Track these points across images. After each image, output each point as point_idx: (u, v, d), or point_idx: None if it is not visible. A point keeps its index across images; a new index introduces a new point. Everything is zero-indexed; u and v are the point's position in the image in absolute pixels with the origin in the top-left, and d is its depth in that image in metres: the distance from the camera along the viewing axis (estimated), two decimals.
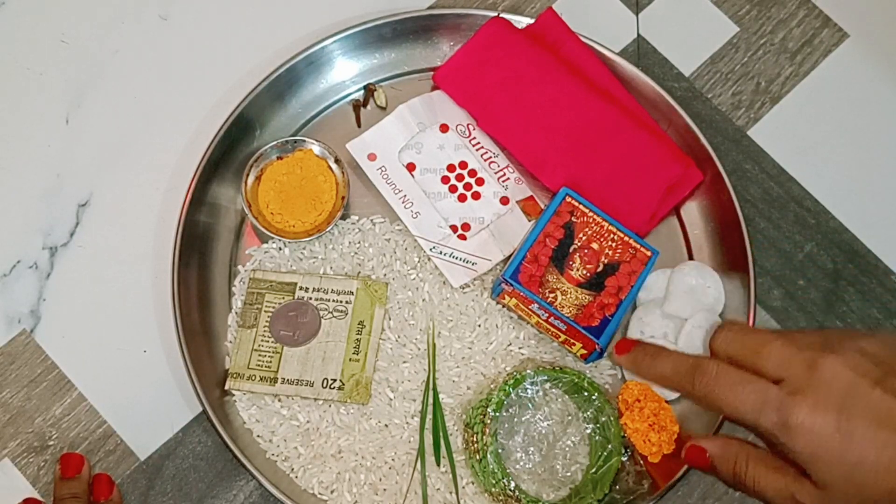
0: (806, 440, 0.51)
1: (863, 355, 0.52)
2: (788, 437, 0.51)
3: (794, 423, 0.51)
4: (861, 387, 0.51)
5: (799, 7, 0.75)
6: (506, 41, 0.70)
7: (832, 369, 0.52)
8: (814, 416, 0.51)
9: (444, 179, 0.69)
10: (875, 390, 0.51)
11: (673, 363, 0.58)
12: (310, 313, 0.66)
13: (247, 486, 0.65)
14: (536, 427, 0.63)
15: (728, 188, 0.68)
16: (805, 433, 0.51)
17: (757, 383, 0.53)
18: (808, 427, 0.51)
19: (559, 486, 0.63)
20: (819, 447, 0.51)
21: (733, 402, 0.53)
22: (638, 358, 0.60)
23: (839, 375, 0.51)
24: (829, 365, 0.52)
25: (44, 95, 0.72)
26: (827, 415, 0.51)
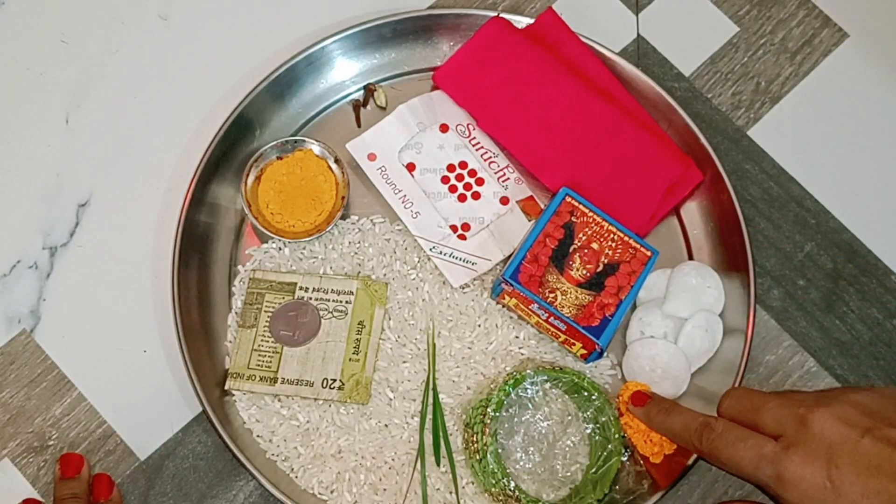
0: (798, 492, 0.53)
1: (853, 407, 0.55)
2: (783, 490, 0.54)
3: (787, 476, 0.53)
4: (850, 437, 0.53)
5: (799, 7, 0.75)
6: (506, 41, 0.70)
7: (822, 422, 0.54)
8: (804, 469, 0.53)
9: (444, 179, 0.69)
10: (863, 439, 0.53)
11: (682, 420, 0.60)
12: (310, 313, 0.66)
13: (247, 486, 0.65)
14: (536, 427, 0.63)
15: (728, 188, 0.68)
16: (797, 485, 0.53)
17: (756, 439, 0.56)
18: (800, 479, 0.53)
19: (559, 486, 0.63)
20: (811, 498, 0.53)
21: (735, 458, 0.56)
22: (651, 412, 0.62)
23: (828, 427, 0.54)
24: (818, 418, 0.54)
25: (44, 95, 0.72)
26: (817, 466, 0.53)
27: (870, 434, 0.53)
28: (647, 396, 0.63)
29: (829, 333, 0.69)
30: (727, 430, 0.58)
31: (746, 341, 0.65)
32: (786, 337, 0.69)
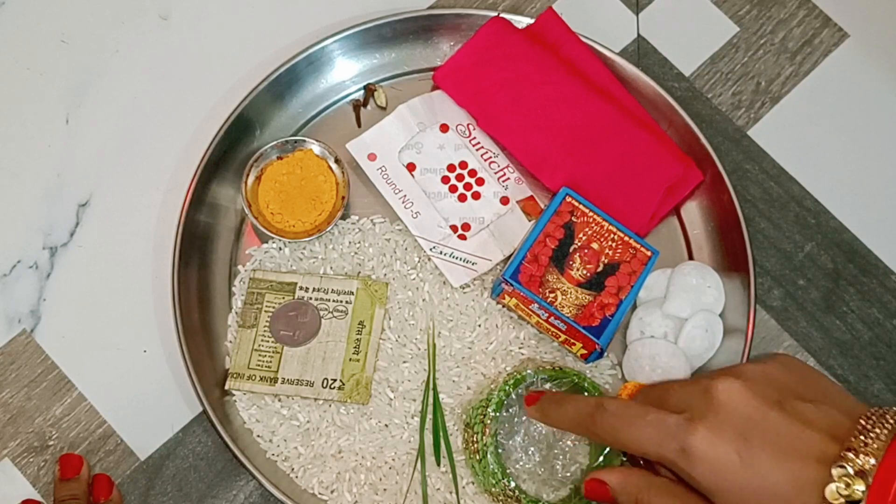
0: (706, 468, 0.51)
1: (760, 378, 0.52)
2: (689, 466, 0.51)
3: (695, 450, 0.51)
4: (759, 410, 0.51)
5: (799, 7, 0.75)
6: (506, 41, 0.70)
7: (728, 392, 0.51)
8: (712, 442, 0.50)
9: (444, 179, 0.69)
10: (773, 412, 0.51)
11: (575, 407, 0.57)
12: (310, 313, 0.66)
13: (247, 486, 0.65)
14: (536, 427, 0.63)
15: (728, 188, 0.68)
16: (706, 460, 0.51)
17: (656, 414, 0.53)
18: (709, 454, 0.50)
19: (559, 486, 0.63)
20: (721, 474, 0.50)
21: (635, 437, 0.53)
22: (545, 406, 0.60)
23: (736, 398, 0.51)
24: (724, 387, 0.51)
25: (44, 95, 0.72)
26: (727, 440, 0.50)
27: (779, 407, 0.51)
28: (539, 394, 0.60)
29: (829, 333, 0.69)
30: (622, 408, 0.55)
31: (746, 341, 0.65)
32: (786, 337, 0.69)
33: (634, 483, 0.55)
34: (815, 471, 0.49)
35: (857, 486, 0.47)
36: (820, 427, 0.50)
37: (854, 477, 0.47)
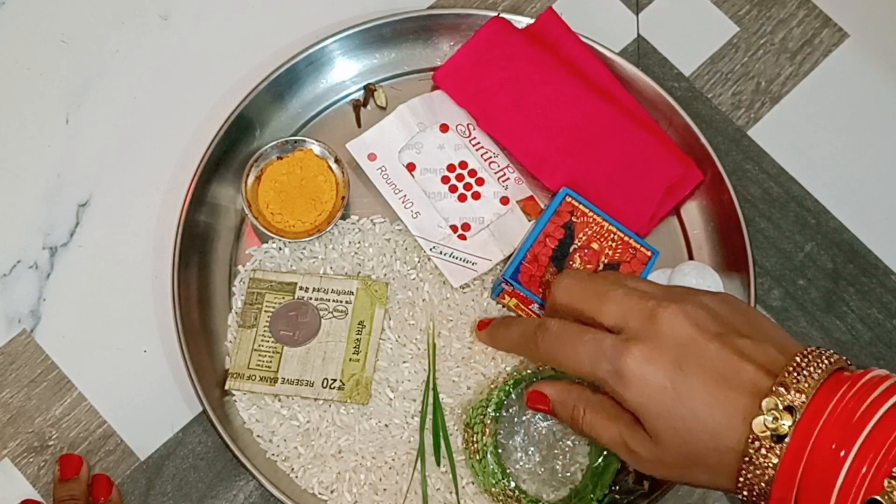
0: (638, 390, 0.51)
1: (704, 310, 0.52)
2: (622, 386, 0.51)
3: (627, 371, 0.51)
4: (698, 340, 0.51)
5: (799, 7, 0.75)
6: (506, 41, 0.70)
7: (671, 320, 0.51)
8: (647, 366, 0.51)
9: (444, 179, 0.69)
10: (712, 344, 0.50)
11: (520, 329, 0.58)
12: (310, 313, 0.66)
13: (247, 486, 0.65)
14: (536, 427, 0.63)
15: (728, 188, 0.68)
16: (637, 383, 0.51)
17: (594, 334, 0.53)
18: (641, 377, 0.51)
19: (559, 486, 0.63)
20: (651, 398, 0.51)
21: (573, 356, 0.54)
22: (493, 331, 0.61)
23: (678, 326, 0.51)
24: (668, 316, 0.51)
25: (44, 95, 0.72)
26: (661, 366, 0.50)
27: (719, 340, 0.51)
28: (489, 320, 0.61)
29: (829, 333, 0.69)
30: (563, 327, 0.55)
31: None
32: None
33: (572, 397, 0.56)
34: (745, 402, 0.49)
35: (784, 421, 0.47)
36: (756, 361, 0.50)
37: (783, 412, 0.47)
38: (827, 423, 0.46)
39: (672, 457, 0.52)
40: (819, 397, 0.47)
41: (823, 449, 0.46)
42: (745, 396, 0.49)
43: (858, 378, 0.48)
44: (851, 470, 0.45)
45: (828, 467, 0.46)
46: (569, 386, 0.58)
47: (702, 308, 0.52)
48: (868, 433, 0.45)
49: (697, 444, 0.50)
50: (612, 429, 0.54)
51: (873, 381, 0.47)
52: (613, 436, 0.54)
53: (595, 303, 0.54)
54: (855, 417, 0.46)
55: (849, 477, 0.45)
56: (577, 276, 0.57)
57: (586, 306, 0.55)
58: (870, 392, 0.47)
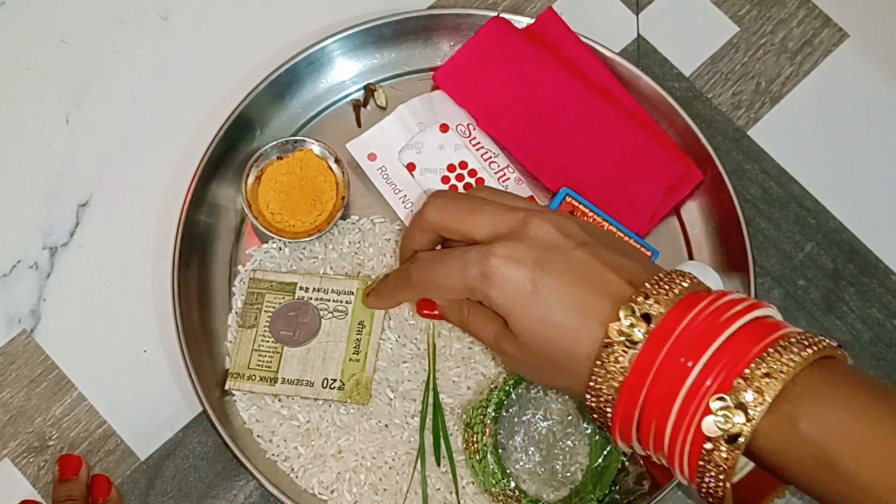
0: (501, 289, 0.52)
1: (576, 223, 0.53)
2: (488, 286, 0.52)
3: (490, 270, 0.52)
4: (564, 245, 0.51)
5: (799, 7, 0.75)
6: (506, 41, 0.70)
7: (539, 226, 0.52)
8: (510, 266, 0.51)
9: (444, 179, 0.69)
10: (577, 250, 0.51)
11: (395, 272, 0.60)
12: (310, 313, 0.66)
13: (247, 486, 0.65)
14: (537, 427, 0.63)
15: (728, 188, 0.68)
16: (501, 282, 0.51)
17: (463, 249, 0.54)
18: (503, 276, 0.51)
19: (559, 486, 0.63)
20: (512, 298, 0.51)
21: (443, 273, 0.54)
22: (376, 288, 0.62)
23: (545, 232, 0.52)
24: (537, 221, 0.52)
25: (44, 95, 0.72)
26: (523, 266, 0.51)
27: (585, 248, 0.51)
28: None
29: (829, 333, 0.69)
30: (432, 254, 0.56)
31: None
32: None
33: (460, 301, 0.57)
34: (604, 306, 0.49)
35: (639, 328, 0.48)
36: (620, 272, 0.51)
37: (639, 319, 0.48)
38: (679, 337, 0.47)
39: (533, 358, 0.53)
40: (675, 310, 0.48)
41: (672, 360, 0.47)
42: (604, 301, 0.50)
43: (716, 299, 0.48)
44: (696, 382, 0.46)
45: (674, 378, 0.46)
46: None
47: (572, 220, 0.53)
48: (716, 348, 0.46)
49: (555, 345, 0.51)
50: (488, 328, 0.55)
51: (729, 303, 0.48)
52: (489, 335, 0.55)
53: (466, 216, 0.55)
54: (712, 326, 0.47)
55: (693, 388, 0.46)
56: (448, 194, 0.58)
57: (458, 221, 0.55)
58: (724, 311, 0.47)
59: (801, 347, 0.46)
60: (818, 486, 0.45)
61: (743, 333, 0.47)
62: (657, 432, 0.47)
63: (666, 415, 0.47)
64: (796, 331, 0.47)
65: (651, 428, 0.48)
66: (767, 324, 0.48)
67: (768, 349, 0.45)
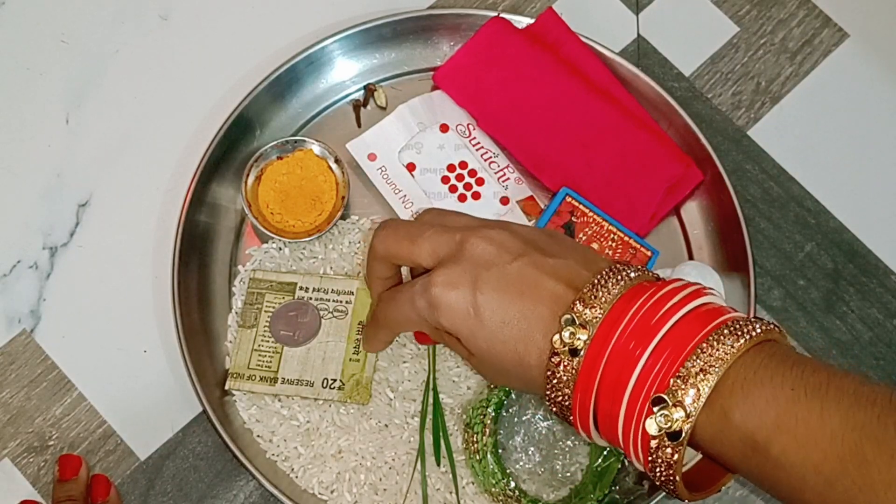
0: (446, 316, 0.52)
1: (510, 233, 0.53)
2: (436, 314, 0.52)
3: (434, 299, 0.52)
4: (498, 261, 0.51)
5: (799, 7, 0.75)
6: (506, 41, 0.70)
7: (474, 244, 0.52)
8: (450, 292, 0.52)
9: (444, 179, 0.69)
10: (513, 263, 0.51)
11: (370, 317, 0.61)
12: (310, 313, 0.66)
13: (247, 486, 0.65)
14: (537, 427, 0.63)
15: (728, 188, 0.68)
16: (444, 309, 0.52)
17: (409, 284, 0.55)
18: (446, 303, 0.52)
19: (559, 486, 0.63)
20: (457, 322, 0.52)
21: (398, 309, 0.55)
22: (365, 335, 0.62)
23: (479, 250, 0.52)
24: (472, 241, 0.52)
25: (44, 95, 0.72)
26: (461, 290, 0.51)
27: (521, 258, 0.51)
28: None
29: (829, 333, 0.69)
30: (389, 292, 0.57)
31: None
32: None
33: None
34: (544, 315, 0.50)
35: (580, 336, 0.48)
36: (557, 275, 0.51)
37: (578, 327, 0.48)
38: (622, 333, 0.48)
39: (493, 372, 0.54)
40: (615, 310, 0.48)
41: (614, 364, 0.47)
42: (543, 310, 0.50)
43: (659, 289, 0.49)
44: (637, 383, 0.47)
45: (617, 381, 0.47)
46: None
47: (508, 231, 0.53)
48: (654, 347, 0.47)
49: (507, 360, 0.51)
50: (456, 347, 0.55)
51: (672, 291, 0.49)
52: (460, 352, 0.55)
53: (408, 245, 0.55)
54: (650, 323, 0.47)
55: (634, 390, 0.47)
56: (391, 225, 0.58)
57: (402, 251, 0.56)
58: (661, 305, 0.48)
59: (735, 338, 0.46)
60: (755, 472, 0.46)
61: (680, 327, 0.47)
62: (612, 431, 0.49)
63: (615, 417, 0.48)
64: (732, 317, 0.48)
65: (607, 426, 0.49)
66: (705, 312, 0.48)
67: (702, 343, 0.46)
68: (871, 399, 0.43)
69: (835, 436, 0.43)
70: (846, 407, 0.43)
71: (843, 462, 0.42)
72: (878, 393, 0.44)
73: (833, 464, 0.43)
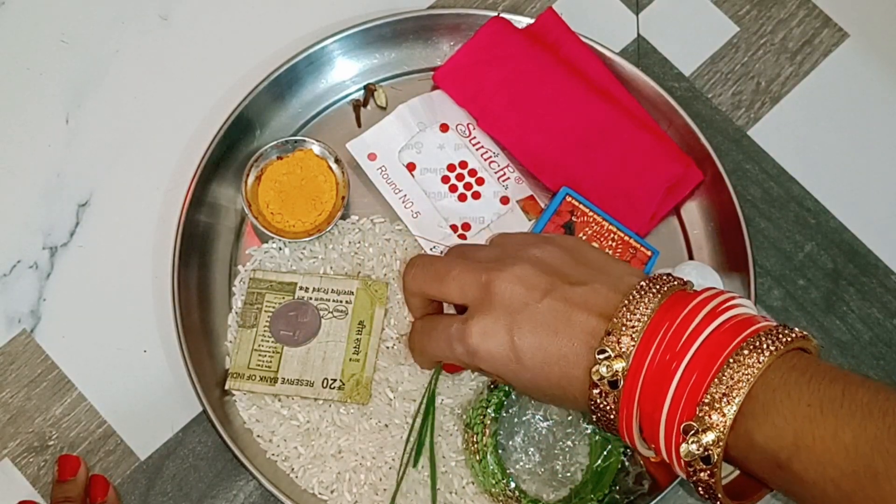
0: (487, 363, 0.54)
1: (533, 266, 0.54)
2: (476, 361, 0.54)
3: (472, 349, 0.54)
4: (529, 302, 0.52)
5: (799, 7, 0.75)
6: (506, 41, 0.70)
7: (503, 288, 0.53)
8: (488, 341, 0.53)
9: (444, 179, 0.69)
10: (542, 302, 0.52)
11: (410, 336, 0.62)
12: (310, 313, 0.66)
13: (247, 486, 0.65)
14: (536, 427, 0.63)
15: (728, 188, 0.68)
16: (485, 357, 0.54)
17: (443, 321, 0.56)
18: (486, 351, 0.53)
19: (559, 487, 0.63)
20: (498, 368, 0.54)
21: (434, 346, 0.57)
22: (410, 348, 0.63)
23: (508, 293, 0.53)
24: (499, 284, 0.53)
25: (44, 95, 0.72)
26: (498, 337, 0.53)
27: (549, 296, 0.52)
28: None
29: (829, 333, 0.69)
30: (422, 322, 0.58)
31: None
32: None
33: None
34: (580, 351, 0.51)
35: (615, 367, 0.49)
36: (588, 308, 0.52)
37: (614, 358, 0.49)
38: (653, 359, 0.49)
39: (534, 395, 0.56)
40: (648, 333, 0.49)
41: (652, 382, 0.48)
42: (579, 347, 0.51)
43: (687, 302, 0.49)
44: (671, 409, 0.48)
45: (657, 398, 0.48)
46: None
47: (532, 265, 0.54)
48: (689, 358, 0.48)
49: (551, 394, 0.54)
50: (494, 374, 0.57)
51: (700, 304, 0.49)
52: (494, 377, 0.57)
53: (438, 286, 0.56)
54: (678, 346, 0.48)
55: (669, 416, 0.48)
56: (420, 262, 0.59)
57: (432, 290, 0.57)
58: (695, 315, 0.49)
59: (758, 354, 0.47)
60: (783, 487, 0.47)
61: (706, 346, 0.48)
62: (657, 450, 0.50)
63: (657, 440, 0.50)
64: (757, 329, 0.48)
65: (651, 442, 0.51)
66: (730, 329, 0.49)
67: (724, 366, 0.47)
68: (884, 409, 0.44)
69: (849, 451, 0.43)
70: (859, 420, 0.44)
71: (858, 477, 0.43)
72: (892, 402, 0.44)
73: (849, 479, 0.43)
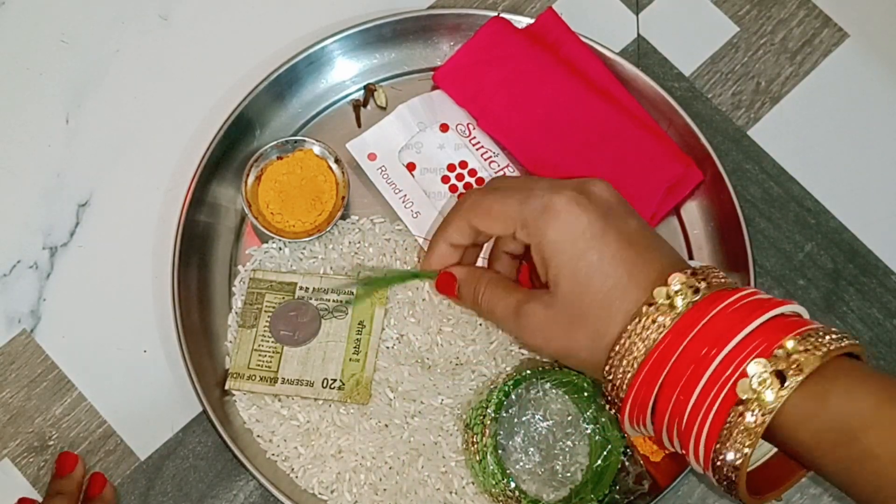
0: (558, 228, 0.53)
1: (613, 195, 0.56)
2: (546, 219, 0.53)
3: (557, 205, 0.53)
4: (622, 210, 0.54)
5: (799, 7, 0.75)
6: (506, 41, 0.70)
7: (603, 186, 0.55)
8: (575, 207, 0.53)
9: (444, 179, 0.69)
10: (633, 219, 0.54)
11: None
12: (310, 313, 0.66)
13: (247, 486, 0.65)
14: (536, 427, 0.63)
15: (728, 188, 0.68)
16: (563, 217, 0.53)
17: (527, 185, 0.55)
18: (568, 212, 0.53)
19: (559, 487, 0.63)
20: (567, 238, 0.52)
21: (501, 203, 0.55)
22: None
23: (609, 194, 0.54)
24: (599, 182, 0.55)
25: (44, 95, 0.72)
26: (588, 211, 0.53)
27: (638, 220, 0.54)
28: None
29: None
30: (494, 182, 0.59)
31: None
32: None
33: (475, 276, 0.59)
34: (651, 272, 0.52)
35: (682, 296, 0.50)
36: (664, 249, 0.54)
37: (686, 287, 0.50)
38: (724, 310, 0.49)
39: (562, 315, 0.53)
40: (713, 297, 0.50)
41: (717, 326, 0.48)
42: (651, 268, 0.52)
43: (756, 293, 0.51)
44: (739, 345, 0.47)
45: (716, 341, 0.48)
46: (473, 268, 0.61)
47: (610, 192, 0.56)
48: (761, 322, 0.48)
49: (594, 297, 0.52)
50: (506, 299, 0.56)
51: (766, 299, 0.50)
52: (508, 305, 0.56)
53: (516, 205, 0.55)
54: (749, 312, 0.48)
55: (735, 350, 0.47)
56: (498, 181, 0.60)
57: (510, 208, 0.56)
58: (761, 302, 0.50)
59: (836, 339, 0.47)
60: (836, 464, 0.46)
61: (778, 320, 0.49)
62: (679, 399, 0.48)
63: (697, 377, 0.48)
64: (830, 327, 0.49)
65: (673, 394, 0.49)
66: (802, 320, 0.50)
67: (808, 332, 0.47)
68: None
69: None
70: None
71: None
72: None
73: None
